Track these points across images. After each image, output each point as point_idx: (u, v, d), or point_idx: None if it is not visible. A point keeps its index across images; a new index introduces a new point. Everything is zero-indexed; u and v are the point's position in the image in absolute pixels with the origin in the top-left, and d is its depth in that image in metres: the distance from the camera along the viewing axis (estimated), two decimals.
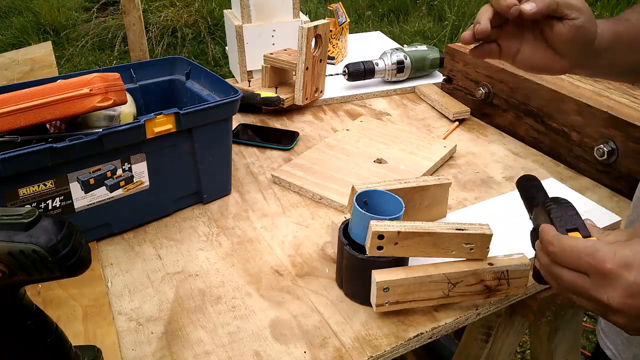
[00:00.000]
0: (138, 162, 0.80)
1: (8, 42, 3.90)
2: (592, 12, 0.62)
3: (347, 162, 0.99)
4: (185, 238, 0.83)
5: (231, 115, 0.88)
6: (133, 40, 2.35)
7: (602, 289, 0.42)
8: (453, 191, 0.93)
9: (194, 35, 3.92)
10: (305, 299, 0.72)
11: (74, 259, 0.47)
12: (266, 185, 0.96)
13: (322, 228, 0.85)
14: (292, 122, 1.19)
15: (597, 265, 0.42)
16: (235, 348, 0.65)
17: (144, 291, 0.73)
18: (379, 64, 1.32)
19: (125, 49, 3.69)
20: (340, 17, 1.48)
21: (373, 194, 0.72)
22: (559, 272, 0.46)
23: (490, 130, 1.16)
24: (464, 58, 1.23)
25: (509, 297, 0.72)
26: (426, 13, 4.42)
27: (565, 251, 0.45)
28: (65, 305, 0.70)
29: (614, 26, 0.65)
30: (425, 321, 0.68)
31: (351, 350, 0.64)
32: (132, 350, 0.64)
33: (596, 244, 0.43)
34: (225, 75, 1.57)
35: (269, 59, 1.21)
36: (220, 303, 0.71)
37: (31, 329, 0.52)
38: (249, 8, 1.28)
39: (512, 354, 0.94)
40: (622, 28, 0.65)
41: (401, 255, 0.66)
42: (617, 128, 0.91)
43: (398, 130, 1.10)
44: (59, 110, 0.73)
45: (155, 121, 0.77)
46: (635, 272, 0.41)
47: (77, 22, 4.21)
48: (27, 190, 0.71)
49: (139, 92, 0.97)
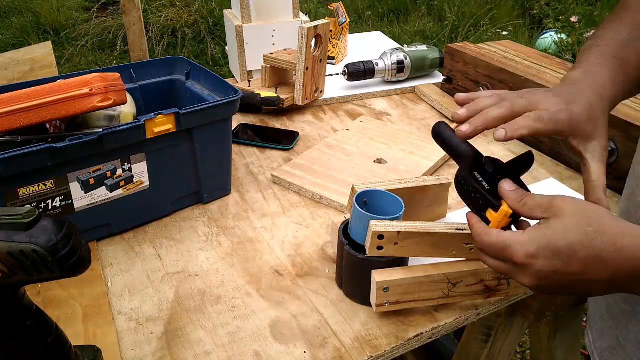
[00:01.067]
0: (138, 162, 0.80)
1: (8, 42, 3.90)
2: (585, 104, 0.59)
3: (347, 162, 0.99)
4: (185, 238, 0.83)
5: (231, 115, 0.88)
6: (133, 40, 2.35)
7: (517, 275, 0.53)
8: (453, 191, 0.93)
9: (194, 35, 3.93)
10: (305, 299, 0.72)
11: (74, 259, 0.47)
12: (266, 185, 0.96)
13: (322, 228, 0.85)
14: (292, 122, 1.19)
15: (510, 259, 0.52)
16: (235, 348, 0.65)
17: (144, 291, 0.73)
18: (379, 64, 1.32)
19: (125, 49, 3.69)
20: (341, 17, 1.48)
21: (373, 194, 0.72)
22: (485, 259, 0.56)
23: (489, 130, 1.16)
24: (464, 58, 1.23)
25: (509, 297, 0.72)
26: (426, 13, 4.42)
27: (485, 247, 0.55)
28: (65, 305, 0.70)
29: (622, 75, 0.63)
30: (425, 321, 0.68)
31: (351, 350, 0.64)
32: (132, 350, 0.64)
33: (507, 241, 0.52)
34: (225, 75, 1.57)
35: (269, 59, 1.21)
36: (220, 303, 0.71)
37: (31, 329, 0.52)
38: (249, 8, 1.28)
39: (512, 354, 0.94)
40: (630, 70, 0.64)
41: (401, 255, 0.66)
42: (617, 128, 0.90)
43: (398, 130, 1.10)
44: (59, 110, 0.73)
45: (155, 121, 0.77)
46: (540, 261, 0.50)
47: (77, 22, 4.21)
48: (27, 190, 0.71)
49: (139, 92, 0.97)
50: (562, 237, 0.49)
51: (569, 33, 3.56)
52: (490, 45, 1.30)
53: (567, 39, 3.51)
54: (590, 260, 0.48)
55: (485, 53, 1.23)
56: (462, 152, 0.63)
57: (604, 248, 0.48)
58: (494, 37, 3.88)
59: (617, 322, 0.66)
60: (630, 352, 0.64)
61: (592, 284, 0.50)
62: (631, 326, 0.63)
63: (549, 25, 3.88)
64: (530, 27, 4.11)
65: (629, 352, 0.64)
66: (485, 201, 0.58)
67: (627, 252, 0.47)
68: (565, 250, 0.49)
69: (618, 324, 0.66)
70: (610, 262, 0.48)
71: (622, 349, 0.65)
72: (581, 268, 0.49)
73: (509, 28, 3.98)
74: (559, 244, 0.49)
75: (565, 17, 3.77)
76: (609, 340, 0.68)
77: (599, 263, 0.48)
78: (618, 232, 0.49)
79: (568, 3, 4.03)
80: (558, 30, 3.65)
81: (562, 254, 0.49)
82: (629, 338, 0.64)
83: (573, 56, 3.36)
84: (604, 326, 0.69)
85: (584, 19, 3.72)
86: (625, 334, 0.65)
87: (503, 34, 3.88)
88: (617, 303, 0.66)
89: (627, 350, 0.64)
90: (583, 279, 0.49)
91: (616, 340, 0.66)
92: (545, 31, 3.78)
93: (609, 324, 0.68)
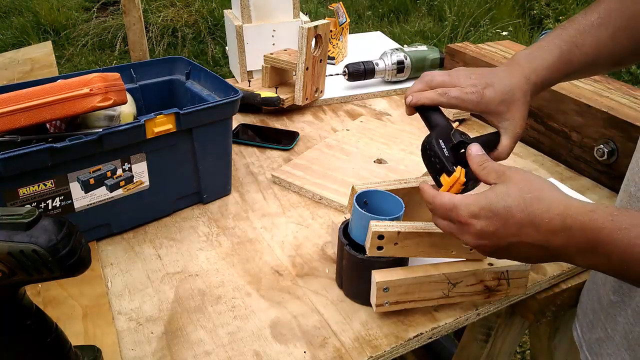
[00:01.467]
0: (138, 162, 0.80)
1: (8, 42, 3.90)
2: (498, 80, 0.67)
3: (347, 162, 0.99)
4: (185, 238, 0.83)
5: (231, 115, 0.88)
6: (133, 40, 2.35)
7: (462, 234, 0.57)
8: None
9: (194, 35, 3.93)
10: (305, 299, 0.72)
11: (74, 259, 0.47)
12: (266, 185, 0.96)
13: (322, 228, 0.85)
14: (292, 122, 1.19)
15: (456, 218, 0.56)
16: (235, 348, 0.65)
17: (144, 291, 0.73)
18: (379, 64, 1.32)
19: (126, 49, 3.69)
20: (341, 17, 1.48)
21: (373, 194, 0.72)
22: (436, 221, 0.61)
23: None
24: (464, 58, 1.23)
25: (509, 297, 0.72)
26: (426, 13, 4.42)
27: (436, 207, 0.59)
28: (65, 305, 0.70)
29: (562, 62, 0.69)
30: (425, 321, 0.68)
31: (351, 351, 0.64)
32: (132, 350, 0.64)
33: (455, 201, 0.56)
34: (225, 75, 1.57)
35: (269, 59, 1.21)
36: (220, 303, 0.71)
37: (31, 329, 0.52)
38: (249, 8, 1.28)
39: (512, 354, 0.94)
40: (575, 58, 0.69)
41: (401, 255, 0.66)
42: (617, 128, 0.90)
43: (398, 130, 1.10)
44: (59, 110, 0.73)
45: (155, 121, 0.77)
46: (481, 221, 0.54)
47: (77, 22, 4.21)
48: (27, 190, 0.71)
49: (139, 92, 0.97)
50: (502, 200, 0.53)
51: None
52: (491, 45, 1.30)
53: None
54: (525, 224, 0.52)
55: (485, 53, 1.23)
56: (436, 123, 0.69)
57: (538, 214, 0.51)
58: (494, 37, 3.88)
59: (606, 313, 0.67)
60: (618, 342, 0.65)
61: (528, 247, 0.53)
62: (619, 317, 0.64)
63: (549, 25, 3.88)
64: (530, 27, 4.11)
65: (617, 342, 0.65)
66: (442, 166, 0.63)
67: (558, 220, 0.51)
68: (503, 212, 0.53)
69: (607, 316, 0.67)
70: (543, 227, 0.51)
71: (611, 340, 0.66)
72: (517, 230, 0.52)
73: (509, 28, 3.98)
74: (498, 206, 0.53)
75: (565, 17, 3.77)
76: (599, 332, 0.68)
77: (532, 227, 0.52)
78: (553, 200, 0.52)
79: (568, 3, 4.04)
80: None
81: (500, 215, 0.53)
82: (617, 329, 0.65)
83: None
84: (594, 318, 0.70)
85: None
86: (613, 325, 0.66)
87: (503, 34, 3.88)
88: (607, 295, 0.67)
89: (615, 341, 0.65)
90: (519, 241, 0.53)
91: (605, 332, 0.67)
92: (545, 31, 3.77)
93: (599, 316, 0.68)
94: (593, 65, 0.70)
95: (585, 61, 0.69)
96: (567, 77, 0.70)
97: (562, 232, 0.50)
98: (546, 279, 0.76)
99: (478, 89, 0.67)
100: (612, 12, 0.69)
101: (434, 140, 0.65)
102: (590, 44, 0.68)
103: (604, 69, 0.74)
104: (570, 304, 0.80)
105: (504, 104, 0.67)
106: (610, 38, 0.68)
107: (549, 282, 0.77)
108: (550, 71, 0.68)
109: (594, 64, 0.69)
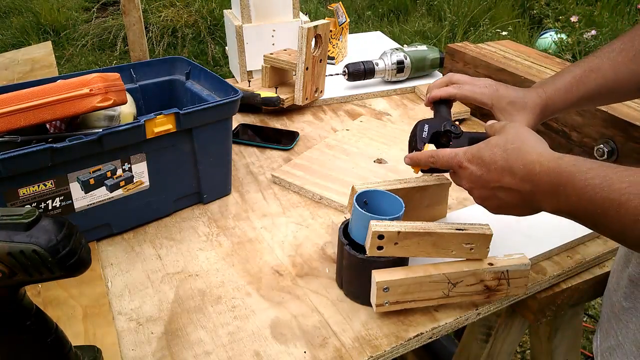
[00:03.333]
0: (138, 162, 0.80)
1: (8, 42, 3.90)
2: None
3: (347, 162, 0.99)
4: (185, 238, 0.83)
5: (231, 115, 0.88)
6: (133, 40, 2.35)
7: (460, 179, 0.65)
8: (453, 191, 0.93)
9: (194, 35, 3.92)
10: (305, 299, 0.72)
11: (74, 259, 0.47)
12: (266, 185, 0.96)
13: (322, 228, 0.85)
14: (292, 122, 1.19)
15: (457, 163, 0.64)
16: (235, 348, 0.65)
17: (144, 291, 0.73)
18: (379, 64, 1.32)
19: (126, 49, 3.69)
20: (341, 17, 1.48)
21: (373, 194, 0.72)
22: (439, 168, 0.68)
23: None
24: (464, 58, 1.23)
25: (509, 297, 0.72)
26: (426, 13, 4.42)
27: (439, 159, 0.67)
28: (65, 305, 0.70)
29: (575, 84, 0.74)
30: (425, 321, 0.68)
31: (351, 350, 0.64)
32: (132, 350, 0.64)
33: (456, 150, 0.64)
34: (225, 75, 1.57)
35: (269, 59, 1.21)
36: (220, 303, 0.71)
37: (31, 329, 0.52)
38: (249, 8, 1.28)
39: (512, 354, 0.94)
40: (590, 80, 0.73)
41: (401, 255, 0.66)
42: (617, 128, 0.90)
43: (398, 130, 1.10)
44: (59, 110, 0.73)
45: (155, 121, 0.77)
46: (472, 166, 0.62)
47: (77, 22, 4.20)
48: (27, 190, 0.71)
49: (139, 92, 0.97)
50: (489, 150, 0.61)
51: (569, 33, 3.56)
52: (490, 45, 1.30)
53: (567, 38, 3.51)
54: (505, 171, 0.58)
55: (485, 53, 1.23)
56: (438, 114, 0.77)
57: (514, 162, 0.58)
58: (493, 36, 3.88)
59: (618, 320, 0.67)
60: (627, 349, 0.64)
61: (507, 193, 0.59)
62: (631, 324, 0.64)
63: (549, 25, 3.88)
64: (530, 26, 4.11)
65: (627, 349, 0.64)
66: (415, 144, 0.72)
67: (530, 167, 0.56)
68: (487, 159, 0.60)
69: (619, 322, 0.66)
70: (518, 174, 0.57)
71: (621, 348, 0.66)
72: (497, 176, 0.59)
73: (509, 28, 3.98)
74: (484, 154, 0.61)
75: (565, 17, 3.77)
76: (610, 340, 0.68)
77: (509, 174, 0.58)
78: (530, 150, 0.58)
79: (568, 3, 4.03)
80: (558, 30, 3.65)
81: (485, 162, 0.60)
82: (628, 336, 0.64)
83: (573, 56, 3.36)
84: (608, 327, 0.70)
85: (583, 18, 3.72)
86: (624, 332, 0.65)
87: (503, 33, 3.88)
88: (620, 301, 0.66)
89: (624, 349, 0.65)
90: (500, 186, 0.59)
91: (616, 339, 0.67)
92: (545, 31, 3.78)
93: (612, 324, 0.68)
94: (614, 88, 0.72)
95: (602, 84, 0.72)
96: (586, 100, 0.74)
97: (532, 177, 0.56)
98: (546, 278, 0.76)
99: (492, 85, 0.76)
100: (636, 38, 0.71)
101: (420, 124, 0.73)
102: (608, 67, 0.72)
103: (629, 94, 0.76)
104: (570, 303, 0.80)
105: (514, 106, 0.74)
106: (631, 60, 0.71)
107: (549, 282, 0.77)
108: (562, 92, 0.74)
109: (614, 87, 0.72)
